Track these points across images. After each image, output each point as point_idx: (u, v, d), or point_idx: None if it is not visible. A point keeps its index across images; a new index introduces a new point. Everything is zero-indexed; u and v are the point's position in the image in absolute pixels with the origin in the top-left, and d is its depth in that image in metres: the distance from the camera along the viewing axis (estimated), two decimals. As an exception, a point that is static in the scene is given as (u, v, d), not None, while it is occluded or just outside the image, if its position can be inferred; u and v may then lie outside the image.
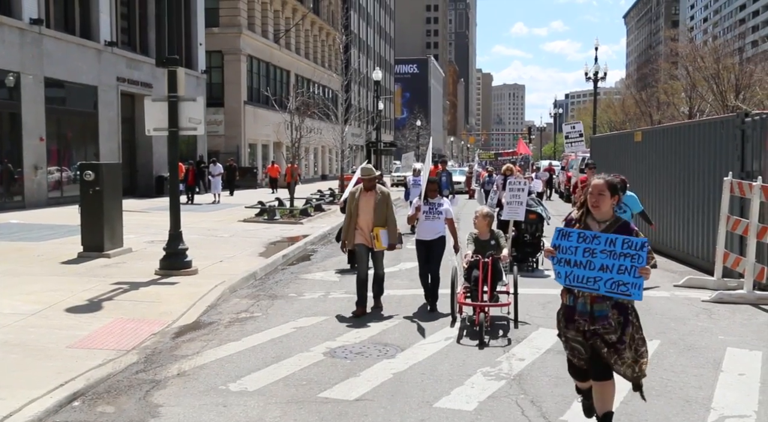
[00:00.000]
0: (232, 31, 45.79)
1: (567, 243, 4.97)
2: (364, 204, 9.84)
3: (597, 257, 4.87)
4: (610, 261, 4.84)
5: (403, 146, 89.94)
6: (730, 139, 12.67)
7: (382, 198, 9.86)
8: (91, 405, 6.17)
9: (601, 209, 4.98)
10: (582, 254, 4.91)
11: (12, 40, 24.73)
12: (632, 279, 4.82)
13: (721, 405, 6.23)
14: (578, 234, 4.96)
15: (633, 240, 4.83)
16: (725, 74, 50.46)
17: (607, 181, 4.97)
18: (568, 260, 4.95)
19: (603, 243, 4.87)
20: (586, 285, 4.91)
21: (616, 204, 5.01)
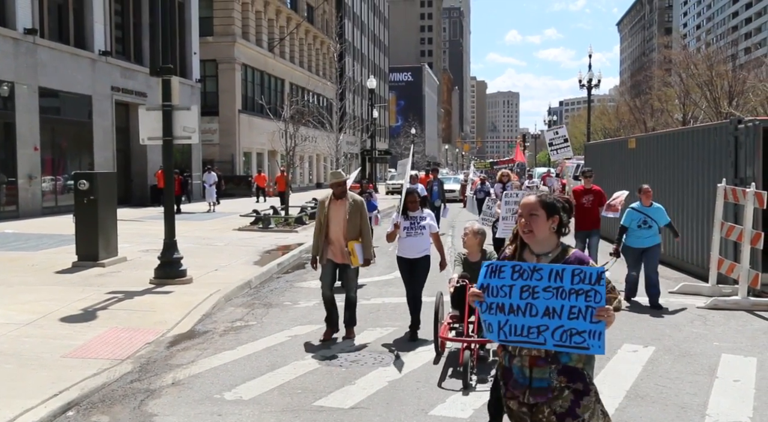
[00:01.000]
0: (227, 40, 45.86)
1: (498, 281, 3.61)
2: (334, 214, 8.78)
3: (539, 298, 3.53)
4: (557, 302, 3.50)
5: (398, 154, 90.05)
6: (723, 145, 12.71)
7: (354, 207, 8.75)
8: (85, 414, 6.15)
9: (536, 235, 3.70)
10: (519, 295, 3.56)
11: (6, 50, 24.73)
12: (589, 326, 3.45)
13: (716, 411, 6.24)
14: (513, 267, 3.62)
15: (586, 270, 3.49)
16: (718, 81, 50.72)
17: (541, 199, 3.75)
18: (502, 305, 3.59)
19: (547, 278, 3.53)
20: (528, 339, 3.56)
21: (556, 227, 3.73)
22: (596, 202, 12.92)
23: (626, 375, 7.26)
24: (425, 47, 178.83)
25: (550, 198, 3.75)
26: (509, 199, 11.98)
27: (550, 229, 3.72)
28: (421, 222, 8.94)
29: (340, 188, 8.80)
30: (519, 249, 3.84)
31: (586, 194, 12.98)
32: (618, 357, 8.02)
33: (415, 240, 8.91)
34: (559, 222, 3.74)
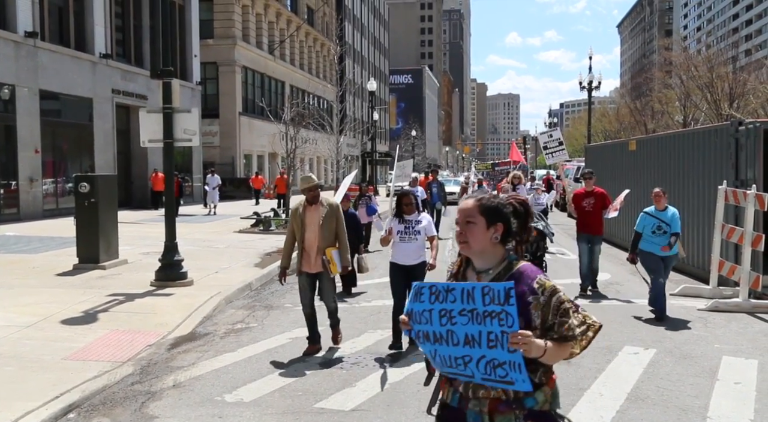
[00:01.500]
0: (227, 43, 45.90)
1: (419, 306, 3.04)
2: (308, 221, 8.20)
3: (457, 323, 2.95)
4: (474, 327, 2.91)
5: (399, 156, 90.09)
6: (724, 147, 12.72)
7: (329, 211, 8.21)
8: (86, 417, 6.16)
9: (472, 247, 3.06)
10: (439, 320, 2.99)
11: (7, 53, 24.75)
12: (507, 356, 2.84)
13: (717, 413, 6.23)
14: (430, 289, 3.02)
15: (494, 287, 2.84)
16: (719, 83, 50.72)
17: (480, 203, 3.06)
18: (426, 333, 3.02)
19: (460, 299, 2.94)
20: (458, 371, 3.00)
21: (500, 237, 3.05)
22: (599, 205, 12.29)
23: (627, 378, 7.26)
24: (425, 49, 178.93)
25: (493, 201, 3.07)
26: None
27: (491, 240, 3.04)
28: (416, 226, 8.43)
29: (312, 193, 8.23)
30: (464, 265, 3.23)
31: (587, 197, 12.40)
32: (619, 359, 8.02)
33: (409, 246, 8.39)
34: (505, 231, 3.06)
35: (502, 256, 3.08)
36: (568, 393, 6.75)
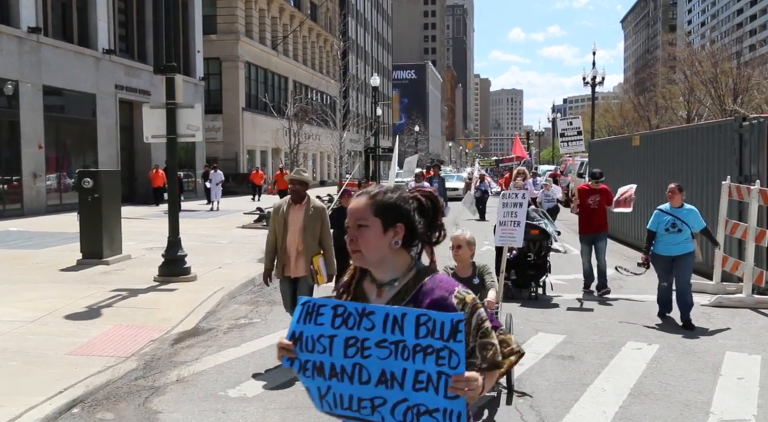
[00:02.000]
0: (230, 38, 45.87)
1: (315, 329, 2.42)
2: (291, 221, 7.58)
3: (372, 356, 2.33)
4: (397, 363, 2.29)
5: (402, 151, 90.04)
6: (728, 143, 12.70)
7: (314, 214, 7.57)
8: (90, 411, 6.17)
9: (366, 256, 2.48)
10: (344, 350, 2.37)
11: (10, 49, 24.76)
12: (443, 403, 2.28)
13: (720, 409, 6.23)
14: (334, 308, 2.41)
15: (435, 317, 2.25)
16: (723, 78, 50.62)
17: (374, 200, 2.49)
18: (320, 365, 2.41)
19: (381, 327, 2.31)
20: (361, 416, 2.40)
21: (402, 241, 2.47)
22: (603, 201, 11.93)
23: (630, 373, 7.26)
24: (429, 45, 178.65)
25: (390, 197, 2.50)
26: (507, 200, 9.33)
27: (390, 245, 2.46)
28: None
29: (295, 187, 7.57)
30: (358, 275, 2.61)
31: (593, 194, 11.97)
32: (622, 354, 8.02)
33: None
34: (408, 233, 2.48)
35: (408, 264, 2.53)
36: (571, 389, 6.76)
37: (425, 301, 2.41)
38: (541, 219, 12.00)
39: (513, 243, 9.09)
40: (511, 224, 9.05)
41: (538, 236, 11.60)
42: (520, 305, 10.52)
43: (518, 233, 8.98)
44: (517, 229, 8.99)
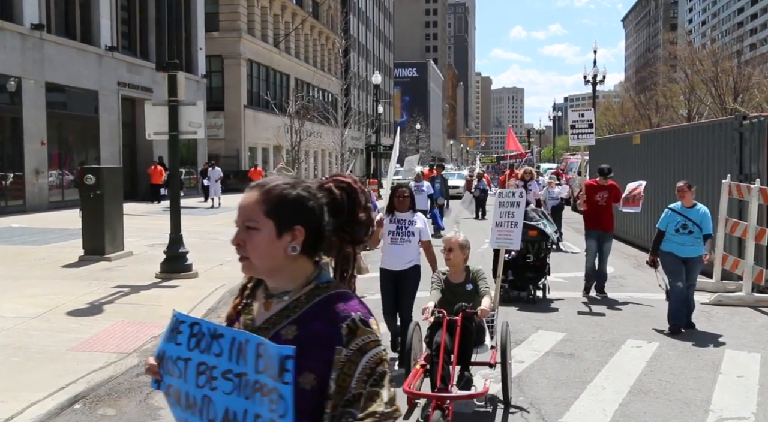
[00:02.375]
0: (232, 36, 45.85)
1: (174, 349, 2.04)
2: None
3: (218, 388, 1.93)
4: (239, 402, 1.88)
5: (403, 149, 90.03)
6: (728, 141, 12.71)
7: None
8: (92, 407, 6.20)
9: (255, 264, 2.03)
10: (195, 378, 1.98)
11: (13, 45, 24.78)
12: None
13: (720, 407, 6.26)
14: (191, 327, 2.02)
15: (269, 348, 1.81)
16: (724, 77, 50.61)
17: (268, 195, 2.01)
18: (177, 392, 2.04)
19: (227, 354, 1.92)
20: None
21: (301, 246, 2.00)
22: (611, 198, 11.44)
23: (630, 371, 7.28)
24: (430, 43, 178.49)
25: (289, 191, 1.99)
26: (504, 200, 8.33)
27: (285, 251, 1.99)
28: (409, 226, 7.44)
29: None
30: (254, 281, 2.20)
31: (601, 190, 11.46)
32: (622, 352, 8.05)
33: (401, 249, 7.40)
34: (310, 236, 2.01)
35: (308, 275, 2.05)
36: (571, 387, 6.78)
37: (312, 324, 1.95)
38: (540, 220, 11.48)
39: (510, 245, 8.15)
40: (507, 225, 8.13)
41: (536, 237, 11.15)
42: (518, 309, 10.41)
43: (515, 235, 8.04)
44: (514, 231, 8.05)
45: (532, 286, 10.93)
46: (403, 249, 7.38)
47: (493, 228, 8.29)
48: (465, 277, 6.37)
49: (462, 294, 6.24)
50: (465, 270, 6.41)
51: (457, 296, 6.21)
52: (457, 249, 6.29)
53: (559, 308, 10.58)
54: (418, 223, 7.45)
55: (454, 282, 6.36)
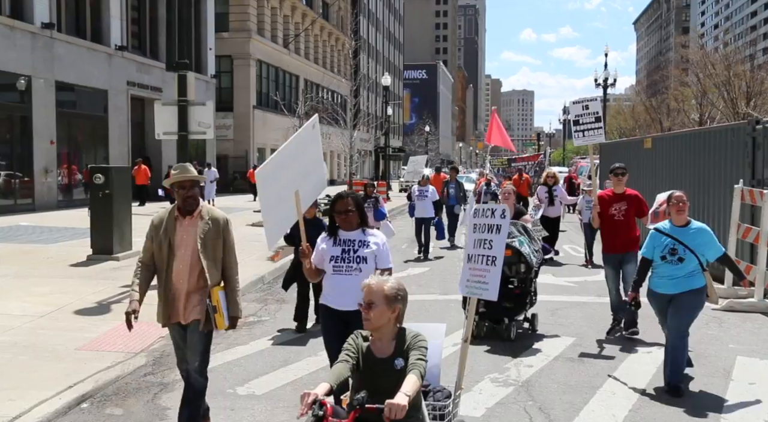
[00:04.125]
0: (242, 36, 45.93)
1: None
2: (180, 241, 5.33)
3: None
4: None
5: (412, 151, 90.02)
6: (740, 146, 12.62)
7: (213, 230, 5.35)
8: (99, 407, 6.18)
9: None
10: None
11: (24, 44, 24.87)
12: None
13: (731, 414, 6.20)
14: None
15: None
16: (736, 81, 50.35)
17: None
18: None
19: None
20: None
21: None
22: (632, 211, 9.08)
23: (641, 376, 7.22)
24: (440, 45, 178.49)
25: None
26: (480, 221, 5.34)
27: None
28: (360, 249, 5.34)
29: (186, 193, 5.33)
30: None
31: (618, 201, 9.07)
32: (632, 357, 7.99)
33: (348, 282, 5.23)
34: None
35: None
36: (580, 391, 6.73)
37: None
38: (518, 236, 8.96)
39: (483, 293, 5.18)
40: (482, 261, 5.19)
41: (509, 258, 8.66)
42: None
43: (492, 277, 5.11)
44: (491, 271, 5.12)
45: (507, 319, 8.75)
46: (351, 281, 5.16)
47: (464, 265, 5.39)
48: (394, 348, 4.07)
49: (387, 375, 3.98)
50: (395, 336, 4.12)
51: (379, 378, 3.99)
52: (381, 303, 4.01)
53: (569, 313, 10.47)
54: (372, 244, 5.36)
55: (378, 357, 4.06)
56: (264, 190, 5.45)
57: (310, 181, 5.83)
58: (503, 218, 5.16)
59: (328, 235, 5.49)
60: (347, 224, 5.41)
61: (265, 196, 5.47)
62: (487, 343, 8.41)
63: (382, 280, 4.06)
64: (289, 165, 5.53)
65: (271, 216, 5.53)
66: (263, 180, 5.36)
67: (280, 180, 5.43)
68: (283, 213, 5.64)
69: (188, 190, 5.34)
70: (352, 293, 4.85)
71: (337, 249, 5.37)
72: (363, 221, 5.49)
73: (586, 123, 10.08)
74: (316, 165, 5.96)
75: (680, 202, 6.99)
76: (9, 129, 25.36)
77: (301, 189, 5.59)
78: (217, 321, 5.43)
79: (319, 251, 5.47)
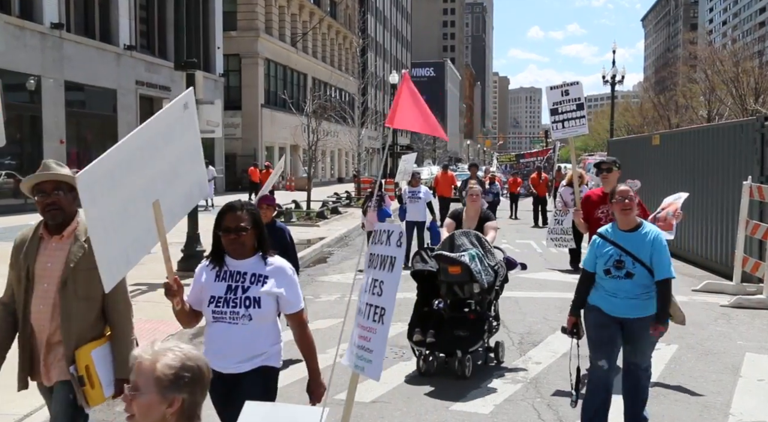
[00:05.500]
0: (250, 35, 46.01)
1: None
2: (40, 271, 3.92)
3: None
4: None
5: (420, 149, 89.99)
6: (749, 142, 12.58)
7: (87, 255, 3.82)
8: (109, 404, 6.21)
9: None
10: None
11: (33, 44, 24.99)
12: None
13: (740, 410, 6.19)
14: None
15: None
16: (744, 78, 50.16)
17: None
18: None
19: None
20: None
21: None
22: None
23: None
24: (447, 43, 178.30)
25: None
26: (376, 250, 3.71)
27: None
28: (251, 287, 3.84)
29: (45, 201, 3.90)
30: None
31: (605, 203, 6.86)
32: (640, 354, 7.97)
33: (232, 333, 3.84)
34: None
35: None
36: (589, 388, 6.73)
37: None
38: (470, 248, 7.42)
39: (366, 368, 3.72)
40: (371, 314, 3.65)
41: (458, 277, 7.24)
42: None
43: (378, 341, 3.59)
44: (378, 331, 3.60)
45: (461, 352, 7.08)
46: (237, 334, 3.82)
47: (356, 317, 3.84)
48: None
49: None
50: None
51: None
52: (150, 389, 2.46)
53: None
54: (273, 279, 3.86)
55: None
56: (94, 203, 3.34)
57: (181, 186, 3.93)
58: (399, 247, 3.46)
59: (211, 263, 3.96)
60: (237, 248, 3.83)
61: (95, 211, 3.35)
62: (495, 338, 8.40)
63: (159, 352, 2.36)
64: (141, 163, 3.63)
65: (108, 242, 3.43)
66: (89, 188, 3.32)
67: (124, 186, 3.50)
68: (129, 236, 3.60)
69: (49, 195, 3.85)
70: (240, 349, 3.81)
71: (220, 287, 3.87)
72: (261, 244, 3.90)
73: (566, 111, 8.67)
74: (190, 162, 4.03)
75: (625, 198, 5.31)
76: (19, 128, 25.48)
77: (165, 197, 3.71)
78: (88, 396, 3.85)
79: (197, 286, 3.96)
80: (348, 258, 15.79)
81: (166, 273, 3.84)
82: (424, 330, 7.19)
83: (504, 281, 7.70)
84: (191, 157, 4.03)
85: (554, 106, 8.66)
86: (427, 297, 7.61)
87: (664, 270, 5.22)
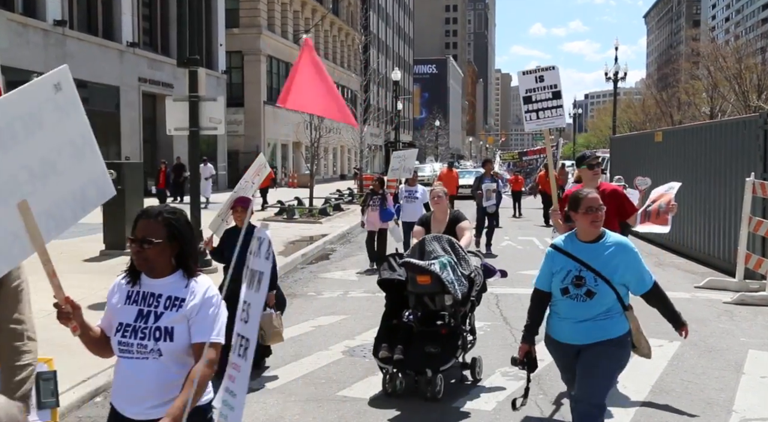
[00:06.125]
0: (252, 32, 46.00)
1: None
2: None
3: None
4: None
5: (422, 146, 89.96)
6: (752, 139, 12.57)
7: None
8: (113, 401, 6.23)
9: None
10: None
11: (36, 41, 25.01)
12: None
13: (743, 407, 6.19)
14: None
15: None
16: (747, 74, 50.06)
17: None
18: None
19: None
20: None
21: None
22: (611, 213, 5.63)
23: (651, 370, 7.21)
24: (450, 39, 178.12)
25: None
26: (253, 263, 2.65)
27: None
28: (164, 314, 3.20)
29: None
30: None
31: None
32: (643, 351, 7.97)
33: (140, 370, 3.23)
34: None
35: None
36: (592, 385, 6.73)
37: None
38: (442, 255, 6.68)
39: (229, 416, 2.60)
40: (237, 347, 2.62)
41: (428, 287, 6.52)
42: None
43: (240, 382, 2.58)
44: (242, 368, 2.57)
45: (431, 371, 6.36)
46: (145, 371, 3.20)
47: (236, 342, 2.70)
48: None
49: None
50: None
51: None
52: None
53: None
54: (191, 302, 3.19)
55: None
56: None
57: (63, 185, 3.35)
58: (267, 260, 2.58)
59: (126, 278, 3.36)
60: (142, 264, 3.24)
61: None
62: (494, 339, 8.41)
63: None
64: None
65: None
66: None
67: None
68: None
69: None
70: (152, 391, 3.15)
71: (130, 311, 3.25)
72: (183, 260, 3.27)
73: (540, 100, 7.44)
74: (75, 157, 3.40)
75: (598, 209, 4.43)
76: (21, 126, 25.50)
77: (35, 197, 3.13)
78: None
79: (108, 307, 3.39)
80: (350, 255, 15.81)
81: (53, 291, 3.26)
82: (392, 346, 6.44)
83: (481, 290, 6.88)
84: (75, 150, 3.36)
85: (527, 94, 7.51)
86: (397, 309, 6.88)
87: (646, 281, 4.52)
